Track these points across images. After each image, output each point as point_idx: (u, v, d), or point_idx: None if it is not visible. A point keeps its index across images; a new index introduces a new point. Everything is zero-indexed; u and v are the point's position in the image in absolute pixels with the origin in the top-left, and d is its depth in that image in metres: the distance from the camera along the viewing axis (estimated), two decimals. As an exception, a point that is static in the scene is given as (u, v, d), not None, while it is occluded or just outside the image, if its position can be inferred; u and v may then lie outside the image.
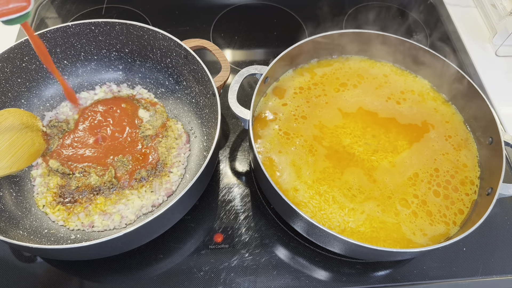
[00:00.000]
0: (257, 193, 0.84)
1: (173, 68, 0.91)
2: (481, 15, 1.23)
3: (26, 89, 0.87)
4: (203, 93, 0.85)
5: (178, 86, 0.93)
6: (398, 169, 0.78)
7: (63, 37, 0.86)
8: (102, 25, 0.86)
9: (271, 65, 0.80)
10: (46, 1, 1.17)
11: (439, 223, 0.72)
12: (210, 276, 0.73)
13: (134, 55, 0.92)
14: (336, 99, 0.86)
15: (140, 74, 0.95)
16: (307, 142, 0.79)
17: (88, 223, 0.75)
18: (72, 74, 0.93)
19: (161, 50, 0.88)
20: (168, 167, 0.83)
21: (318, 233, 0.66)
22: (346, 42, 0.90)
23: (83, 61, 0.92)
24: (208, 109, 0.85)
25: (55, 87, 0.91)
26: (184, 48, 0.82)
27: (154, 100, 0.93)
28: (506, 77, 1.09)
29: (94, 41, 0.89)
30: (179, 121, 0.90)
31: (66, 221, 0.75)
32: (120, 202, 0.77)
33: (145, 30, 0.85)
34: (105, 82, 0.94)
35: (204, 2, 1.20)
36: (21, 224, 0.73)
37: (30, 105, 0.88)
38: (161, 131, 0.87)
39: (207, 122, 0.87)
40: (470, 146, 0.82)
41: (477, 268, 0.77)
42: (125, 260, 0.74)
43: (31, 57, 0.84)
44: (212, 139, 0.71)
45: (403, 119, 0.84)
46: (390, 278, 0.76)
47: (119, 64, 0.94)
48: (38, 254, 0.74)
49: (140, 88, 0.94)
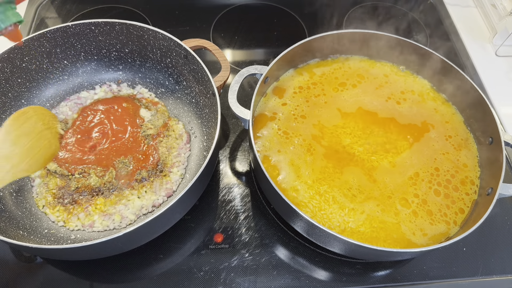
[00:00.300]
0: (257, 193, 0.84)
1: (173, 68, 0.91)
2: (481, 15, 1.23)
3: (26, 89, 0.87)
4: (203, 93, 0.85)
5: (178, 86, 0.93)
6: (398, 169, 0.77)
7: (63, 37, 0.86)
8: (102, 25, 0.86)
9: (271, 65, 0.80)
10: (46, 1, 1.17)
11: (439, 222, 0.72)
12: (210, 276, 0.73)
13: (134, 55, 0.92)
14: (335, 98, 0.86)
15: (140, 74, 0.95)
16: (305, 141, 0.79)
17: (88, 223, 0.75)
18: (72, 74, 0.93)
19: (161, 50, 0.88)
20: (168, 167, 0.83)
21: (318, 233, 0.66)
22: (346, 42, 0.90)
23: (83, 61, 0.92)
24: (208, 109, 0.85)
25: (55, 87, 0.91)
26: (184, 48, 0.82)
27: (155, 100, 0.93)
28: (506, 77, 1.09)
29: (94, 41, 0.89)
30: (180, 121, 0.90)
31: (66, 221, 0.75)
32: (120, 202, 0.77)
33: (145, 30, 0.85)
34: (105, 82, 0.94)
35: (204, 2, 1.20)
36: (21, 224, 0.73)
37: (30, 105, 0.87)
38: (162, 131, 0.87)
39: (207, 122, 0.87)
40: (470, 146, 0.82)
41: (477, 268, 0.77)
42: (125, 260, 0.74)
43: (31, 57, 0.84)
44: (212, 139, 0.71)
45: (403, 119, 0.84)
46: (390, 278, 0.75)
47: (119, 64, 0.94)
48: (38, 254, 0.74)
49: (141, 88, 0.94)
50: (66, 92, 0.92)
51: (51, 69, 0.90)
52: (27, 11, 1.13)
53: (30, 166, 0.66)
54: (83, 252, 0.64)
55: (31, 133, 0.67)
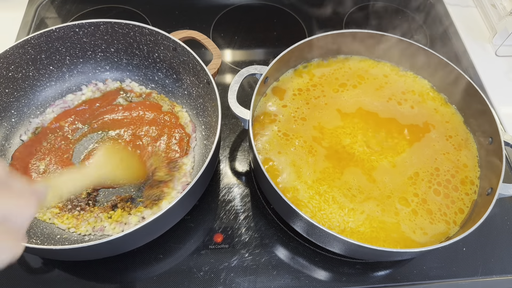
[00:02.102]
0: (257, 193, 0.84)
1: (161, 63, 0.90)
2: (481, 15, 1.23)
3: (15, 99, 0.85)
4: (195, 83, 0.85)
5: (168, 80, 0.92)
6: (398, 169, 0.78)
7: (47, 42, 0.84)
8: (86, 26, 0.85)
9: (271, 65, 0.80)
10: (46, 1, 1.17)
11: (439, 221, 0.72)
12: (210, 276, 0.73)
13: (120, 53, 0.91)
14: (335, 99, 0.86)
15: (128, 72, 0.94)
16: (306, 143, 0.79)
17: (99, 227, 0.74)
18: (59, 79, 0.91)
19: (148, 46, 0.88)
20: (181, 159, 0.83)
21: (318, 233, 0.66)
22: (346, 42, 0.90)
23: (69, 65, 0.91)
24: (202, 99, 0.85)
25: (43, 95, 0.89)
26: (173, 40, 0.82)
27: (148, 91, 0.92)
28: (506, 77, 1.09)
29: (79, 43, 0.88)
30: (184, 108, 0.90)
31: (77, 227, 0.74)
32: (135, 214, 0.76)
33: (130, 27, 0.84)
34: (91, 81, 0.93)
35: (204, 2, 1.20)
36: (32, 233, 0.72)
37: (21, 115, 0.86)
38: (171, 118, 0.87)
39: (203, 111, 0.87)
40: (470, 146, 0.82)
41: (477, 268, 0.77)
42: (125, 260, 0.74)
43: (17, 65, 0.82)
44: (210, 127, 0.70)
45: (404, 119, 0.84)
46: (390, 278, 0.76)
47: (105, 65, 0.93)
48: (38, 255, 0.73)
49: (130, 82, 0.94)
50: (55, 98, 0.90)
51: (38, 76, 0.87)
52: (27, 11, 1.13)
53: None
54: (83, 253, 0.64)
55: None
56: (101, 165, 0.68)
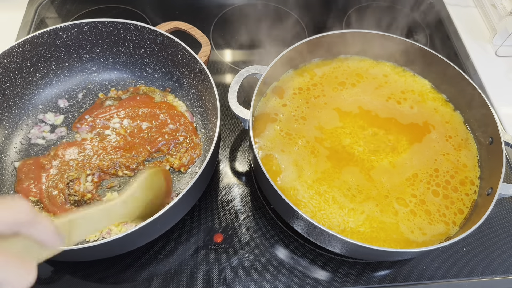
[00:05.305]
0: (257, 193, 0.84)
1: (148, 58, 0.90)
2: (481, 15, 1.23)
3: (5, 110, 0.84)
4: (185, 74, 0.85)
5: (157, 74, 0.93)
6: (397, 169, 0.78)
7: (32, 49, 0.82)
8: (69, 28, 0.84)
9: (271, 65, 0.80)
10: (46, 1, 1.17)
11: (438, 222, 0.72)
12: (210, 276, 0.73)
13: (105, 53, 0.91)
14: (335, 99, 0.86)
15: (116, 71, 0.94)
16: (309, 143, 0.79)
17: (106, 230, 0.74)
18: (47, 86, 0.90)
19: (133, 42, 0.87)
20: (182, 152, 0.84)
21: (318, 233, 0.66)
22: (346, 42, 0.90)
23: (55, 71, 0.89)
24: (194, 89, 0.85)
25: (32, 103, 0.88)
26: (159, 33, 0.81)
27: (137, 85, 0.93)
28: (506, 77, 1.09)
29: (63, 47, 0.87)
30: (177, 97, 0.90)
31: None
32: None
33: (114, 24, 0.84)
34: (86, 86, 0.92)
35: (204, 2, 1.20)
36: None
37: (13, 126, 0.85)
38: (167, 110, 0.87)
39: (197, 101, 0.87)
40: (470, 146, 0.82)
41: (477, 268, 0.77)
42: (125, 260, 0.74)
43: (3, 75, 0.81)
44: (207, 115, 0.69)
45: (404, 119, 0.84)
46: (390, 278, 0.76)
47: (92, 66, 0.93)
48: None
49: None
50: (45, 105, 0.89)
51: (25, 85, 0.86)
52: (27, 11, 1.13)
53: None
54: (83, 254, 0.64)
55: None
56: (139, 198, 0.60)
